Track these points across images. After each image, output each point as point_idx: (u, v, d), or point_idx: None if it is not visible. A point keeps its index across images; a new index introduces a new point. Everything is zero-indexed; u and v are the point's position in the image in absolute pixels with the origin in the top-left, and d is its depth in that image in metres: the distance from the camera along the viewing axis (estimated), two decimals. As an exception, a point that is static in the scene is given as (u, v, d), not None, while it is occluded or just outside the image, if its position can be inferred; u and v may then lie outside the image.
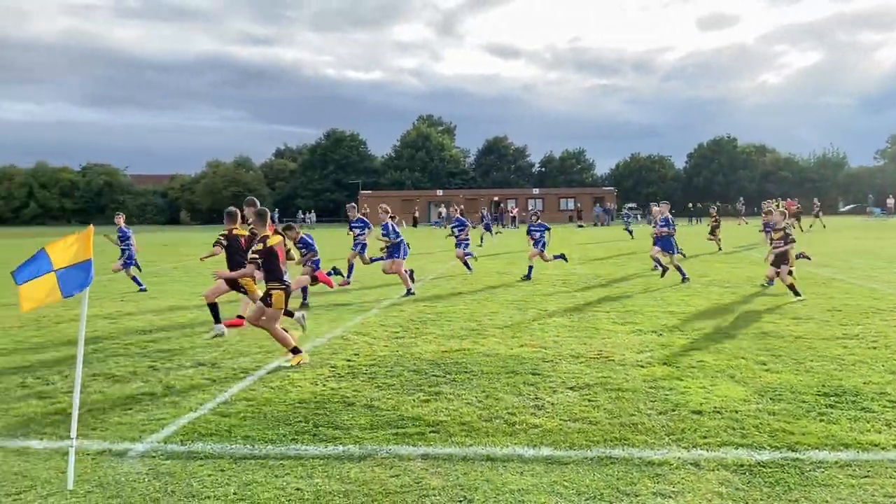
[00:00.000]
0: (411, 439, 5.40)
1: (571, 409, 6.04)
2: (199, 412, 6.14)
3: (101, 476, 4.72)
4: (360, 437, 5.47)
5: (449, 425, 5.69)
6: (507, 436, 5.45)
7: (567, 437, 5.36)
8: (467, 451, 5.14)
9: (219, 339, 9.44)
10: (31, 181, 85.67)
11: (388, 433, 5.54)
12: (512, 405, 6.20)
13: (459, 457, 5.03)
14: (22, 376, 7.41)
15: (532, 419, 5.79)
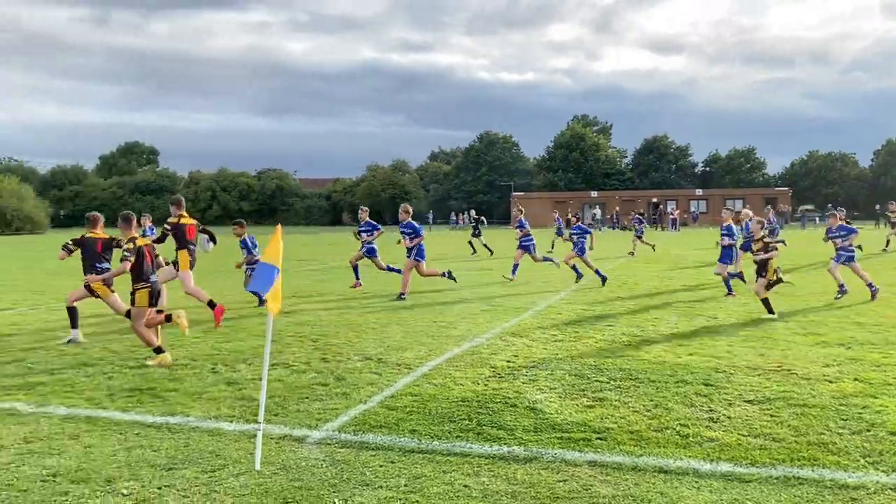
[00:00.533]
0: (577, 445, 5.29)
1: (751, 424, 5.65)
2: (368, 404, 6.38)
3: (284, 459, 5.02)
4: (524, 438, 5.44)
5: (616, 433, 5.52)
6: (681, 448, 5.19)
7: (748, 453, 5.02)
8: (637, 460, 4.95)
9: (377, 336, 9.79)
10: (215, 185, 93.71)
11: (553, 437, 5.47)
12: (684, 416, 5.91)
13: (629, 466, 4.85)
14: (213, 363, 8.07)
15: (707, 432, 5.48)
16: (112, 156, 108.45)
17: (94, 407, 6.33)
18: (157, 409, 6.26)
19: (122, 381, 7.27)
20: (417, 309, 12.42)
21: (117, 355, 8.55)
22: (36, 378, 7.40)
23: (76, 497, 4.37)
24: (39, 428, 5.73)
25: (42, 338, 9.82)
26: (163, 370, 7.72)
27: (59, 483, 4.58)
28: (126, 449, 5.23)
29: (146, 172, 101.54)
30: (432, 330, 10.18)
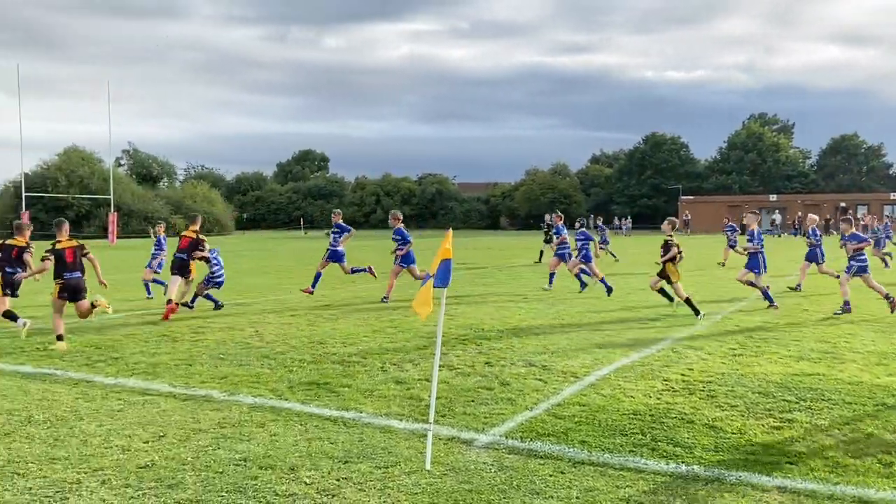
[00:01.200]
0: (764, 468, 4.90)
1: (973, 459, 4.96)
2: (534, 411, 6.30)
3: (453, 461, 5.06)
4: (704, 458, 5.12)
5: (808, 457, 5.06)
6: (883, 477, 4.67)
7: (972, 492, 4.40)
8: (834, 488, 4.50)
9: (540, 342, 9.66)
10: (378, 190, 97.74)
11: (737, 458, 5.10)
12: (886, 443, 5.31)
13: (825, 494, 4.42)
14: (381, 362, 8.35)
15: (918, 464, 4.88)
16: (288, 163, 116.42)
17: (277, 398, 6.74)
18: (332, 403, 6.56)
19: (302, 374, 7.71)
20: (580, 316, 12.17)
21: (296, 350, 9.08)
22: (227, 369, 8.02)
23: (264, 482, 4.65)
24: (231, 415, 6.19)
25: (232, 332, 10.64)
26: (337, 366, 8.10)
27: (249, 468, 4.91)
28: (307, 440, 5.51)
29: (318, 178, 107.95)
30: (598, 338, 9.91)
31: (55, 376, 7.68)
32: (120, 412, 6.27)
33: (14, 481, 4.65)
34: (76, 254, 9.83)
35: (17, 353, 9.01)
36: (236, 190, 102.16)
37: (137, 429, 5.77)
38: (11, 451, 5.24)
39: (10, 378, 7.61)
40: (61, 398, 6.75)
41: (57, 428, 5.80)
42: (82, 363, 8.34)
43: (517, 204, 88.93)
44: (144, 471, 4.84)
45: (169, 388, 7.15)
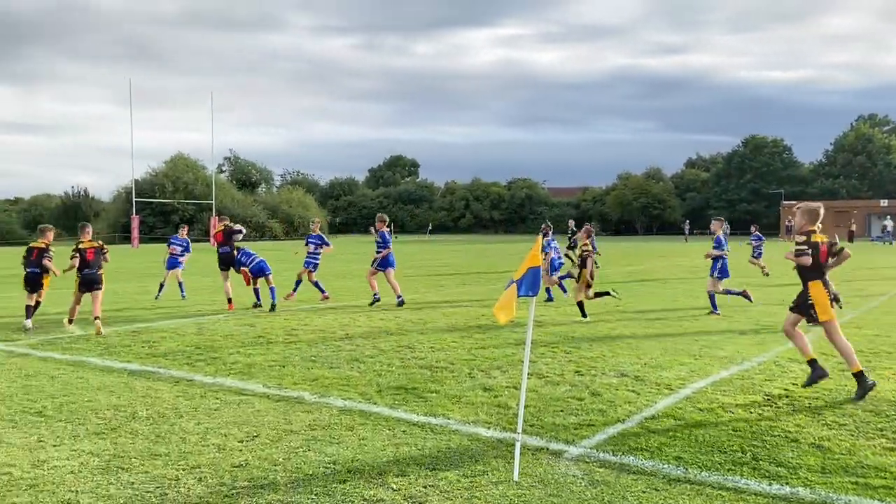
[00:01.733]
0: (876, 492, 4.55)
1: None
2: (626, 424, 6.10)
3: (542, 473, 4.95)
4: (810, 479, 4.80)
5: (929, 486, 4.65)
6: None
7: None
8: (961, 523, 4.11)
9: (632, 352, 9.37)
10: (468, 195, 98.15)
11: (845, 481, 4.76)
12: None
13: (950, 529, 4.04)
14: (469, 368, 8.31)
15: None
16: (379, 168, 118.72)
17: (367, 402, 6.81)
18: (420, 408, 6.56)
19: (390, 378, 7.76)
20: (676, 325, 11.75)
21: (385, 354, 9.17)
22: (318, 371, 8.18)
23: (352, 486, 4.69)
24: (321, 417, 6.29)
25: (323, 334, 10.86)
26: (425, 371, 8.11)
27: (338, 471, 4.96)
28: (394, 445, 5.53)
29: (408, 183, 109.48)
30: (694, 349, 9.53)
31: (158, 374, 8.04)
32: (217, 411, 6.49)
33: (118, 475, 4.87)
34: (96, 253, 11.49)
35: (125, 351, 9.51)
36: (329, 195, 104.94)
37: (233, 428, 5.95)
38: (117, 445, 5.50)
39: (118, 375, 8.02)
40: (163, 395, 7.06)
41: (159, 425, 6.05)
42: (183, 362, 8.70)
43: (608, 208, 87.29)
44: (238, 470, 4.97)
45: (263, 388, 7.35)
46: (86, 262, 11.39)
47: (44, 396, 7.01)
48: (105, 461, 5.13)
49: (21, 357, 9.12)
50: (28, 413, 6.41)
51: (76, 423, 6.07)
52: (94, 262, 11.45)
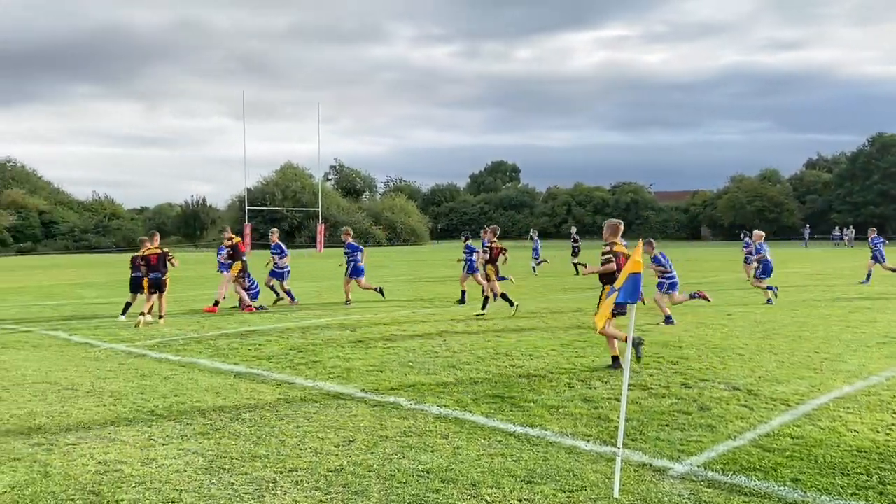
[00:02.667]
0: None
1: None
2: (737, 441, 5.71)
3: (644, 491, 4.69)
4: (951, 512, 4.30)
5: None
6: None
7: None
8: None
9: (744, 364, 8.82)
10: (570, 199, 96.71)
11: None
12: None
13: None
14: (569, 378, 8.07)
15: None
16: (480, 174, 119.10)
17: (462, 409, 6.72)
18: (517, 418, 6.41)
19: (487, 387, 7.64)
20: (794, 336, 11.01)
21: (482, 361, 9.06)
22: (415, 377, 8.17)
23: (445, 496, 4.60)
24: (416, 423, 6.25)
25: (421, 340, 10.88)
26: (522, 379, 7.94)
27: (431, 480, 4.88)
28: (489, 455, 5.40)
29: (509, 189, 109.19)
30: (814, 362, 8.88)
31: (262, 377, 8.27)
32: (315, 414, 6.58)
33: (220, 476, 4.99)
34: (159, 259, 12.99)
35: (232, 353, 9.86)
36: (431, 201, 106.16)
37: (330, 432, 6.01)
38: (220, 446, 5.66)
39: (225, 376, 8.31)
40: (266, 398, 7.24)
41: (260, 426, 6.19)
42: (286, 365, 8.92)
43: (720, 213, 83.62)
44: (333, 475, 4.99)
45: (360, 392, 7.41)
46: (151, 267, 12.96)
47: (156, 396, 7.34)
48: (208, 461, 5.29)
49: (138, 358, 9.64)
50: (141, 412, 6.73)
51: (184, 423, 6.31)
52: (157, 266, 12.96)
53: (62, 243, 66.80)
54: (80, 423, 6.37)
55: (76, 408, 6.90)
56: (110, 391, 7.59)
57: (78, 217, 72.46)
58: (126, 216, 77.99)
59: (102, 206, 76.57)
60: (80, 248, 65.32)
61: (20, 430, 6.16)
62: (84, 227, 69.97)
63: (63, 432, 6.07)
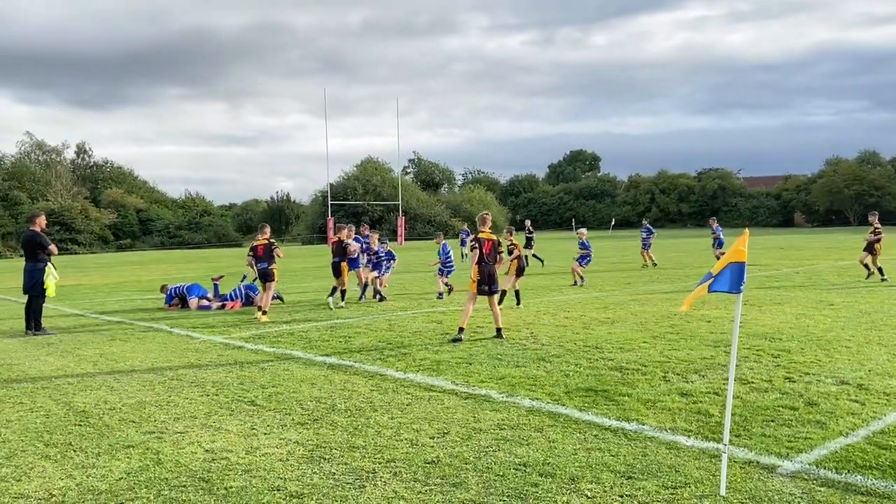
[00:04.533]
0: None
1: None
2: (850, 438, 5.42)
3: (752, 489, 4.51)
4: None
5: None
6: None
7: None
8: None
9: (852, 357, 8.36)
10: (653, 188, 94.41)
11: None
12: None
13: None
14: (664, 371, 7.86)
15: None
16: (559, 164, 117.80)
17: (555, 403, 6.64)
18: (611, 412, 6.28)
19: (578, 380, 7.53)
20: (903, 326, 10.38)
21: (572, 354, 8.94)
22: (504, 370, 8.14)
23: (544, 490, 4.55)
24: (509, 416, 6.22)
25: (508, 332, 10.83)
26: (615, 373, 7.79)
27: (528, 474, 4.85)
28: (586, 449, 5.32)
29: (589, 178, 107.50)
30: (929, 354, 8.34)
31: (354, 368, 8.43)
32: (408, 406, 6.64)
33: (321, 465, 5.11)
34: (265, 249, 13.26)
35: (324, 345, 10.09)
36: (510, 192, 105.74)
37: (424, 424, 6.05)
38: (319, 436, 5.79)
39: (319, 368, 8.51)
40: (359, 389, 7.36)
41: (356, 417, 6.30)
42: (376, 357, 9.06)
43: (814, 198, 79.85)
44: (431, 466, 5.02)
45: (451, 385, 7.43)
46: (258, 258, 13.29)
47: (255, 387, 7.59)
48: (309, 450, 5.42)
49: (236, 349, 9.99)
50: (242, 402, 6.97)
51: (283, 413, 6.49)
52: (263, 257, 13.25)
53: (158, 239, 70.14)
54: (186, 412, 6.65)
55: (182, 397, 7.21)
56: (212, 381, 7.90)
57: (172, 214, 75.89)
58: (216, 213, 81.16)
59: (194, 204, 79.92)
60: (174, 244, 68.42)
61: (132, 418, 6.49)
62: (178, 223, 73.24)
63: (172, 421, 6.35)
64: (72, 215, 63.57)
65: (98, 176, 79.46)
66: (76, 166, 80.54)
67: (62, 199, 67.22)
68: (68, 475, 5.03)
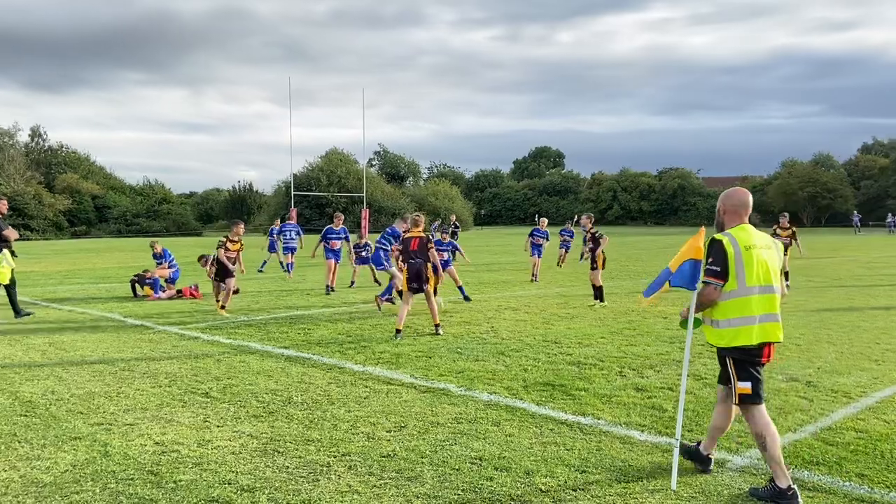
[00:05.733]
0: None
1: None
2: (798, 434, 5.55)
3: (703, 483, 4.58)
4: None
5: None
6: None
7: None
8: None
9: (802, 355, 8.56)
10: (615, 185, 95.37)
11: None
12: None
13: None
14: (620, 366, 7.94)
15: None
16: (524, 160, 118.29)
17: (512, 397, 6.66)
18: (568, 406, 6.33)
19: (537, 374, 7.57)
20: (850, 326, 10.67)
21: (531, 348, 8.98)
22: (464, 363, 8.14)
23: (499, 484, 4.56)
24: (467, 410, 6.22)
25: (469, 327, 10.85)
26: (573, 367, 7.85)
27: (484, 468, 4.85)
28: (542, 443, 5.34)
29: (553, 175, 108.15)
30: (875, 353, 8.58)
31: (313, 360, 8.34)
32: (366, 399, 6.60)
33: (275, 459, 5.04)
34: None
35: (282, 337, 9.98)
36: (475, 187, 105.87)
37: (381, 417, 6.02)
38: (274, 429, 5.71)
39: (276, 360, 8.41)
40: (317, 382, 7.29)
41: (312, 410, 6.24)
42: (335, 350, 8.98)
43: (770, 199, 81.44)
44: (387, 460, 4.99)
45: (410, 378, 7.41)
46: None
47: (210, 378, 7.46)
48: (263, 444, 5.34)
49: (191, 340, 9.82)
50: (196, 394, 6.84)
51: (238, 406, 6.39)
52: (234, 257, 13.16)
53: (115, 227, 68.60)
54: (137, 403, 6.51)
55: (133, 388, 7.05)
56: (165, 373, 7.74)
57: (130, 202, 74.24)
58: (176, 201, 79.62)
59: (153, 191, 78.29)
60: (132, 232, 67.01)
61: (80, 409, 6.32)
62: (136, 211, 71.69)
63: (121, 412, 6.21)
64: (25, 200, 61.75)
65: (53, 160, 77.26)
66: (30, 150, 78.17)
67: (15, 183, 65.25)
68: (12, 466, 4.88)
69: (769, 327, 4.53)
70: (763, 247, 4.55)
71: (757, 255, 4.47)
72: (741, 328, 4.44)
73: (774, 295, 4.55)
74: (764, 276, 4.48)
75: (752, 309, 4.43)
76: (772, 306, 4.54)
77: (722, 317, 4.49)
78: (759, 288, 4.44)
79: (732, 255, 4.44)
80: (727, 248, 4.45)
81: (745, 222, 4.70)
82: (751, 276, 4.44)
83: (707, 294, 4.50)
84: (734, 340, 4.46)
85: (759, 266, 4.45)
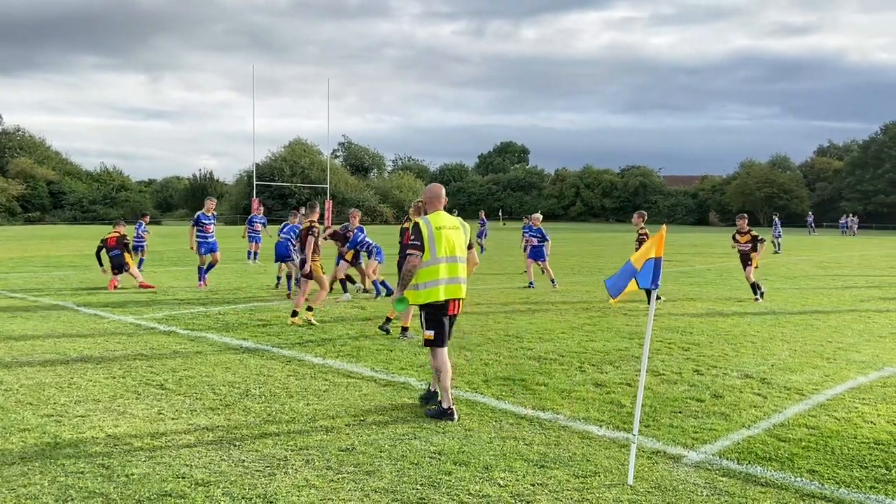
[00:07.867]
0: None
1: None
2: (752, 430, 5.64)
3: (658, 478, 4.63)
4: (972, 508, 4.23)
5: None
6: None
7: None
8: None
9: (757, 352, 8.73)
10: (579, 182, 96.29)
11: None
12: None
13: None
14: (580, 361, 8.01)
15: None
16: (489, 154, 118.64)
17: (473, 391, 6.67)
18: (528, 401, 6.35)
19: (497, 369, 7.59)
20: (803, 324, 10.92)
21: (492, 343, 9.00)
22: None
23: (458, 479, 4.55)
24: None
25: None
26: (533, 362, 7.89)
27: (443, 462, 4.84)
28: (501, 438, 5.35)
29: (517, 170, 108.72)
30: (827, 351, 8.79)
31: (272, 353, 8.24)
32: (325, 392, 6.54)
33: (230, 452, 4.95)
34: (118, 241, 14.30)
35: (241, 329, 9.83)
36: (439, 180, 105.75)
37: (340, 411, 5.96)
38: (230, 422, 5.62)
39: (235, 352, 8.28)
40: (276, 374, 7.20)
41: (270, 403, 6.15)
42: (295, 342, 8.88)
43: (728, 199, 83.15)
44: (345, 454, 4.95)
45: (370, 372, 7.36)
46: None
47: (165, 370, 7.31)
48: (218, 437, 5.25)
49: (147, 331, 9.62)
50: (150, 385, 6.70)
51: (194, 398, 6.28)
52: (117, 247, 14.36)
53: (70, 214, 66.96)
54: (89, 395, 6.35)
55: (85, 379, 6.87)
56: (119, 363, 7.56)
57: (86, 188, 72.51)
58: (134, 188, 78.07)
59: (110, 178, 76.60)
60: (87, 219, 65.46)
61: (29, 400, 6.14)
62: (92, 197, 70.08)
63: (72, 404, 6.04)
64: (-25, 185, 59.93)
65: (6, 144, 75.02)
66: (-19, 133, 75.85)
67: (-35, 166, 63.21)
68: (-46, 460, 4.71)
69: (452, 287, 5.85)
70: (451, 227, 5.93)
71: (446, 234, 5.84)
72: (432, 288, 5.75)
73: (457, 263, 5.88)
74: (449, 249, 5.83)
75: (440, 273, 5.76)
76: (455, 272, 5.86)
77: (420, 281, 5.78)
78: (446, 258, 5.79)
79: (426, 233, 5.76)
80: (423, 228, 5.78)
81: (439, 209, 6.03)
82: (440, 250, 5.79)
83: (410, 261, 5.75)
84: (428, 298, 5.75)
85: (446, 242, 5.82)
